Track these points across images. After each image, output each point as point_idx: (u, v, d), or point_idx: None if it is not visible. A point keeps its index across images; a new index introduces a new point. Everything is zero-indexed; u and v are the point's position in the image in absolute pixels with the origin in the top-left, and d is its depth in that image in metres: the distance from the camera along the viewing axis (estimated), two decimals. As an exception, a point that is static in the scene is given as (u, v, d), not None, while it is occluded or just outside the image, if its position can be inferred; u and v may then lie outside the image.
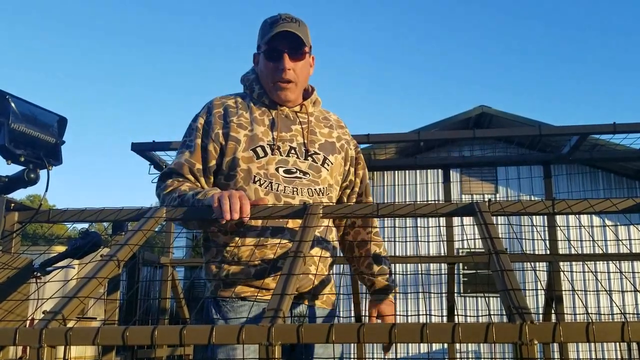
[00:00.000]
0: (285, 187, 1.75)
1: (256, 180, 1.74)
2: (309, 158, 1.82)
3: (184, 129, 1.87)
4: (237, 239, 1.71)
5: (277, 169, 1.76)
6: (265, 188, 1.73)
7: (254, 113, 1.83)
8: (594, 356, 8.41)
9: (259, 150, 1.76)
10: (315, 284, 1.76)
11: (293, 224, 1.73)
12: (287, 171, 1.77)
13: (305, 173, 1.80)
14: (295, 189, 1.75)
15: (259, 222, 1.70)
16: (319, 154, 1.85)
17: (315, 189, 1.80)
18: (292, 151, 1.80)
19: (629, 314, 9.60)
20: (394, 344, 1.90)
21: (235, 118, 1.80)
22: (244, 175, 1.74)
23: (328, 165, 1.86)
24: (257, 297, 1.69)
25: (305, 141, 1.84)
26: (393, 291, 1.96)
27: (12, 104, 1.58)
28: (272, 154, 1.76)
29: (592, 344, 8.63)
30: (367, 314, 1.95)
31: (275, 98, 1.84)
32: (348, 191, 1.99)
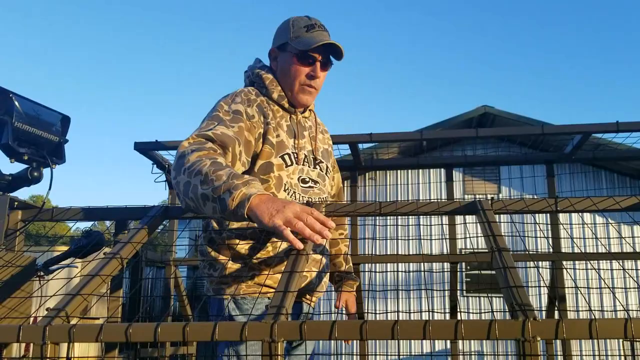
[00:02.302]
0: (302, 196, 1.74)
1: (286, 188, 1.70)
2: (317, 167, 1.82)
3: (186, 129, 1.86)
4: (259, 243, 1.68)
5: (298, 179, 1.74)
6: (291, 197, 1.71)
7: (276, 117, 1.76)
8: (597, 354, 8.39)
9: (286, 158, 1.72)
10: (315, 282, 1.77)
11: None
12: (302, 180, 1.76)
13: (315, 182, 1.79)
14: (310, 199, 1.75)
15: None
16: (323, 163, 1.85)
17: (322, 198, 1.80)
18: (305, 159, 1.78)
19: (633, 310, 9.57)
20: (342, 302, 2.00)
21: (269, 119, 1.72)
22: (276, 182, 1.69)
23: (329, 173, 1.88)
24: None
25: (313, 149, 1.83)
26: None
27: (16, 103, 1.58)
28: (296, 163, 1.74)
29: (596, 345, 8.63)
30: (339, 308, 2.03)
31: (295, 100, 1.79)
32: None
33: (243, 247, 1.69)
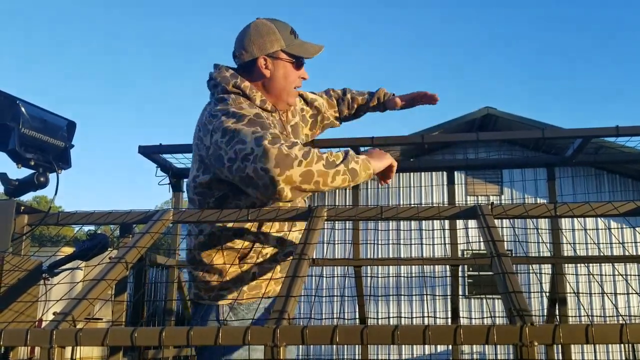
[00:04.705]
0: None
1: None
2: None
3: (189, 132, 1.87)
4: (257, 243, 1.70)
5: None
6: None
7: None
8: (598, 357, 8.38)
9: None
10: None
11: (300, 225, 1.77)
12: None
13: None
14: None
15: (277, 226, 1.72)
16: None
17: None
18: None
19: (634, 316, 9.56)
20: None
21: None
22: None
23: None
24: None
25: (287, 134, 1.89)
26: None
27: (23, 109, 1.60)
28: None
29: (597, 347, 8.61)
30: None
31: (287, 101, 1.86)
32: None
33: (237, 252, 1.69)
